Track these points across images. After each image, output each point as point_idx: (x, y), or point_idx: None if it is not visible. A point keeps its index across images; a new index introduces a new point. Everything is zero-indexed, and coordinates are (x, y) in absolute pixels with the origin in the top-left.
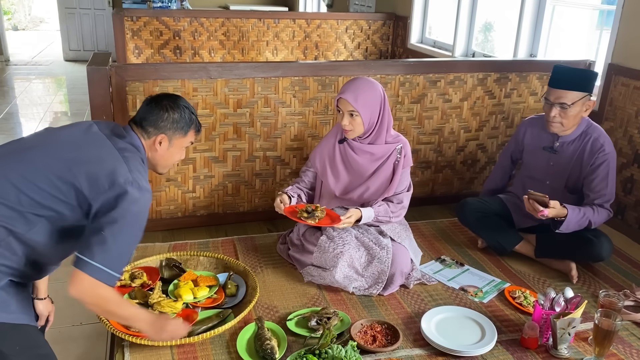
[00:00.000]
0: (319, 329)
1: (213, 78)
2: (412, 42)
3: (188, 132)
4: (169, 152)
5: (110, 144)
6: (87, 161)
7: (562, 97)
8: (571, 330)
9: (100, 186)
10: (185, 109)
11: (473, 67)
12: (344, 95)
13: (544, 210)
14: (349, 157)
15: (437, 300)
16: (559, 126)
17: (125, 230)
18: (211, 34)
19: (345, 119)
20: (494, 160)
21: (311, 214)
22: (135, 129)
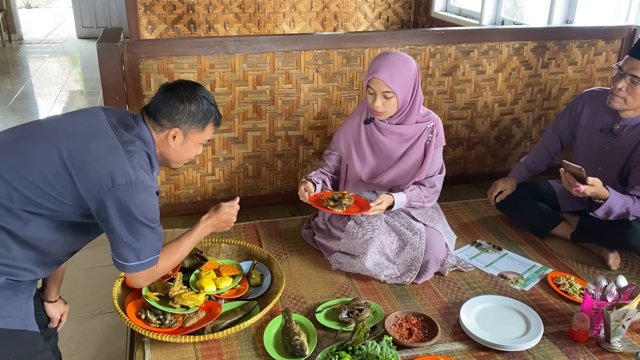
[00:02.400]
0: (351, 321)
1: (231, 53)
2: (436, 11)
3: (206, 126)
4: (184, 148)
5: (114, 136)
6: (86, 157)
7: (637, 69)
8: (626, 323)
9: (100, 186)
10: (203, 99)
11: (508, 35)
12: (379, 75)
13: (580, 185)
14: (376, 139)
15: (476, 289)
16: (621, 102)
17: (142, 227)
18: (226, 6)
19: (378, 100)
20: (530, 136)
21: (338, 202)
22: (147, 120)
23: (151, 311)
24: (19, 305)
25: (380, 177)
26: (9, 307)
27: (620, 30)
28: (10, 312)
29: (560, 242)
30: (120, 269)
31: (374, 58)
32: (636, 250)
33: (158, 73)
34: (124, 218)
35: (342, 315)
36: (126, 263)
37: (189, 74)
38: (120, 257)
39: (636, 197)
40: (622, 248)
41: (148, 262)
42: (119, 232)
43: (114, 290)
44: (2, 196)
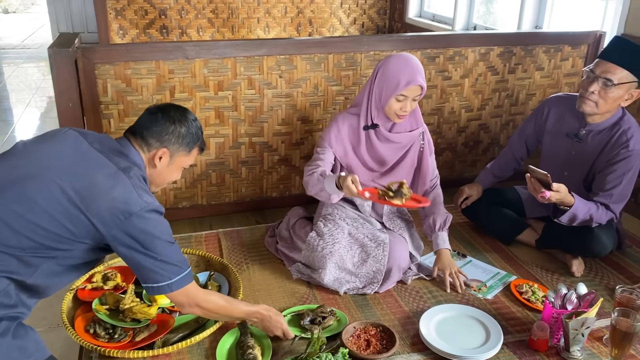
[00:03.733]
0: (312, 328)
1: (190, 58)
2: (411, 16)
3: (192, 150)
4: (168, 170)
5: (112, 164)
6: (95, 192)
7: (610, 73)
8: (585, 331)
9: (115, 219)
10: (193, 122)
11: (474, 40)
12: (419, 82)
13: (545, 192)
14: (374, 146)
15: (438, 297)
16: (592, 105)
17: (164, 245)
18: (199, 11)
19: (408, 104)
20: (498, 141)
21: (397, 192)
22: (134, 141)
23: (100, 325)
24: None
25: (379, 180)
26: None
27: (586, 36)
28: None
29: (525, 248)
30: (161, 292)
31: (393, 66)
32: (599, 256)
33: (115, 79)
34: (148, 242)
35: (305, 321)
36: (163, 283)
37: (148, 80)
38: (156, 280)
39: (600, 203)
40: (586, 254)
41: (182, 280)
42: (143, 260)
43: (64, 304)
44: (12, 245)
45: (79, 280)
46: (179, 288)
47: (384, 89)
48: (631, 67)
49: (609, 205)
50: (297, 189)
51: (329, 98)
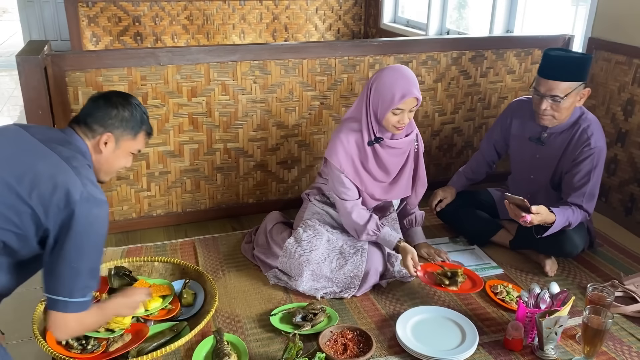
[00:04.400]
0: (304, 325)
1: (163, 64)
2: (385, 22)
3: (138, 134)
4: (115, 155)
5: (53, 154)
6: (37, 181)
7: (554, 89)
8: (558, 330)
9: (55, 207)
10: (137, 107)
11: (446, 45)
12: (415, 94)
13: (526, 216)
14: (382, 158)
15: (414, 299)
16: (550, 119)
17: (92, 251)
18: (173, 18)
19: (406, 116)
20: (471, 144)
21: (452, 280)
22: (78, 129)
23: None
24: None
25: (390, 192)
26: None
27: (556, 40)
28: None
29: (499, 249)
30: (57, 307)
31: (388, 80)
32: (571, 256)
33: (86, 86)
34: (78, 239)
35: (297, 318)
36: (69, 299)
37: (120, 87)
38: (64, 291)
39: (575, 205)
40: (558, 254)
41: (87, 302)
42: (68, 255)
43: (35, 315)
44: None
45: None
46: (73, 311)
47: (380, 103)
48: (569, 77)
49: (582, 205)
50: (274, 195)
51: (304, 103)
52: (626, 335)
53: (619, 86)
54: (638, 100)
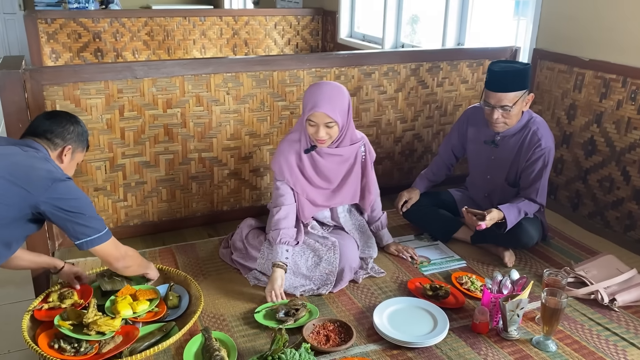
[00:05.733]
0: (288, 320)
1: (139, 78)
2: (342, 37)
3: (84, 148)
4: (70, 166)
5: (21, 151)
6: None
7: (503, 100)
8: (520, 312)
9: (44, 186)
10: (83, 125)
11: (405, 57)
12: (321, 109)
13: (481, 224)
14: (319, 164)
15: (387, 293)
16: (503, 126)
17: (85, 204)
18: (134, 34)
19: (321, 131)
20: (430, 150)
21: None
22: (40, 141)
23: (65, 340)
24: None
25: (333, 199)
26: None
27: (504, 51)
28: None
29: (461, 244)
30: (96, 243)
31: (308, 91)
32: (527, 247)
33: (64, 99)
34: (77, 200)
35: (280, 314)
36: (100, 234)
37: (97, 100)
38: (92, 231)
39: (525, 198)
40: (515, 246)
41: (108, 232)
42: (79, 212)
43: (23, 323)
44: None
45: (36, 301)
46: (108, 239)
47: (303, 113)
48: (514, 87)
49: (535, 199)
50: (248, 202)
51: (275, 113)
52: (579, 316)
53: (562, 92)
54: (579, 105)
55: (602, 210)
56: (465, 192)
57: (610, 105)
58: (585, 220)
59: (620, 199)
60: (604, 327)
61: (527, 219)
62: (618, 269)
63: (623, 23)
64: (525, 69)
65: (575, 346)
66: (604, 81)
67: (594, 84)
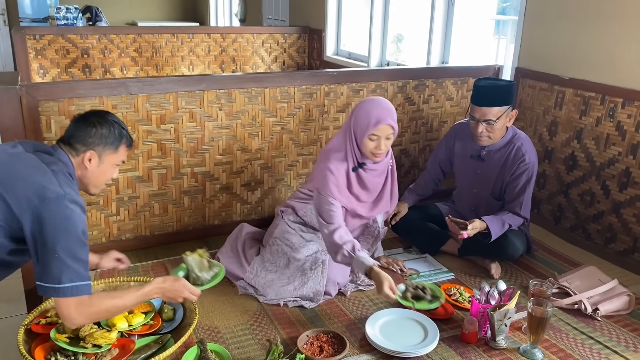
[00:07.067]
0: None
1: (133, 94)
2: (328, 54)
3: (119, 148)
4: (100, 170)
5: (37, 159)
6: (14, 177)
7: (487, 114)
8: (507, 321)
9: (30, 201)
10: (114, 123)
11: (392, 75)
12: (387, 121)
13: (463, 233)
14: (365, 180)
15: (378, 304)
16: (487, 139)
17: (72, 242)
18: (122, 50)
19: (382, 144)
20: (417, 165)
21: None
22: (64, 148)
23: (61, 353)
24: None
25: (374, 210)
26: None
27: (487, 69)
28: None
29: (449, 257)
30: (49, 293)
31: (363, 109)
32: (513, 258)
33: (59, 115)
34: (57, 231)
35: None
36: (58, 285)
37: None
38: (50, 278)
39: (509, 211)
40: (501, 258)
41: (80, 287)
42: (51, 246)
43: (19, 337)
44: None
45: (31, 315)
46: (67, 296)
47: (359, 130)
48: (498, 102)
49: (519, 212)
50: (238, 216)
51: (266, 128)
52: (564, 325)
53: (544, 110)
54: (560, 121)
55: (583, 224)
56: (452, 206)
57: (590, 122)
58: (568, 233)
59: (600, 212)
60: (587, 335)
61: (512, 231)
62: (600, 280)
63: (600, 44)
64: (509, 86)
65: (560, 354)
66: (583, 99)
67: (574, 101)
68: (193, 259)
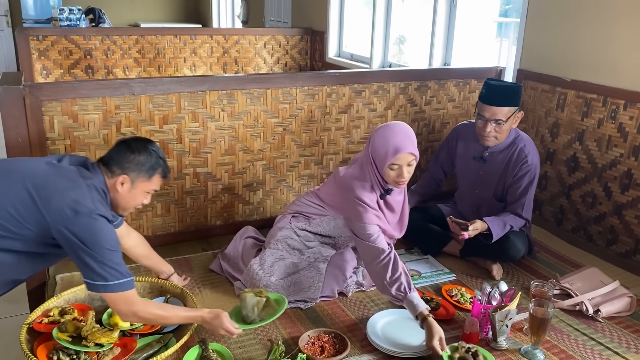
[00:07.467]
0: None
1: (136, 94)
2: (330, 56)
3: (153, 177)
4: (131, 194)
5: (77, 173)
6: (52, 189)
7: (497, 114)
8: (509, 322)
9: (64, 214)
10: (153, 152)
11: (394, 76)
12: (408, 150)
13: (464, 233)
14: (392, 203)
15: (379, 305)
16: (493, 140)
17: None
18: (125, 51)
19: (404, 172)
20: (419, 166)
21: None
22: (102, 168)
23: (64, 352)
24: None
25: (402, 228)
26: None
27: (489, 71)
28: None
29: (451, 258)
30: (98, 290)
31: (381, 138)
32: (514, 260)
33: (62, 115)
34: (88, 244)
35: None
36: (106, 283)
37: (94, 115)
38: (93, 279)
39: (511, 213)
40: (503, 259)
41: (120, 284)
42: (85, 257)
43: (22, 335)
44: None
45: (34, 314)
46: (115, 292)
47: (377, 160)
48: (508, 102)
49: (521, 214)
50: (240, 216)
51: (268, 129)
52: (565, 326)
53: (546, 111)
54: (562, 123)
55: (585, 225)
56: (454, 207)
57: (592, 123)
58: (569, 234)
59: (602, 214)
60: (589, 337)
61: (514, 233)
62: (601, 281)
63: (602, 46)
64: (518, 87)
65: (562, 355)
66: (585, 101)
67: (576, 103)
68: (250, 296)
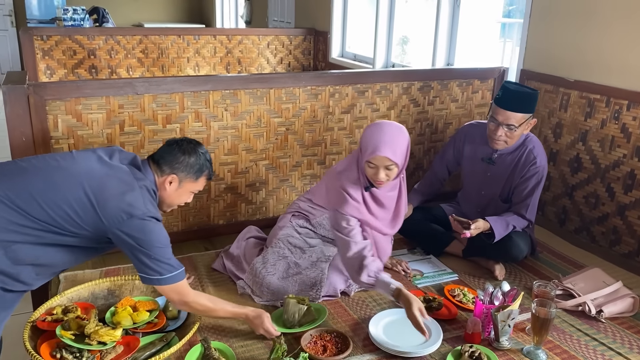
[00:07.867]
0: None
1: (140, 94)
2: (334, 56)
3: (199, 178)
4: (177, 193)
5: (131, 174)
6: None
7: (511, 119)
8: (511, 322)
9: (119, 217)
10: (202, 155)
11: (397, 76)
12: (382, 152)
13: (466, 232)
14: (379, 197)
15: (382, 305)
16: (503, 144)
17: (158, 248)
18: (128, 51)
19: (381, 173)
20: (422, 166)
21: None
22: (152, 166)
23: (67, 350)
24: None
25: (396, 225)
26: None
27: (492, 71)
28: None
29: (453, 258)
30: (153, 283)
31: (368, 132)
32: (517, 260)
33: (66, 114)
34: (142, 244)
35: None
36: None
37: (98, 114)
38: (148, 273)
39: (515, 213)
40: (505, 259)
41: (172, 277)
42: (139, 255)
43: (25, 333)
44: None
45: (37, 312)
46: (168, 284)
47: (361, 154)
48: (524, 109)
49: (524, 215)
50: (243, 216)
51: (271, 129)
52: (567, 327)
53: (549, 112)
54: (565, 123)
55: (588, 226)
56: (457, 207)
57: (595, 124)
58: (572, 235)
59: (605, 215)
60: (591, 337)
61: (516, 233)
62: (604, 282)
63: (605, 46)
64: (535, 94)
65: (564, 355)
66: (588, 101)
67: (579, 103)
68: (293, 303)
